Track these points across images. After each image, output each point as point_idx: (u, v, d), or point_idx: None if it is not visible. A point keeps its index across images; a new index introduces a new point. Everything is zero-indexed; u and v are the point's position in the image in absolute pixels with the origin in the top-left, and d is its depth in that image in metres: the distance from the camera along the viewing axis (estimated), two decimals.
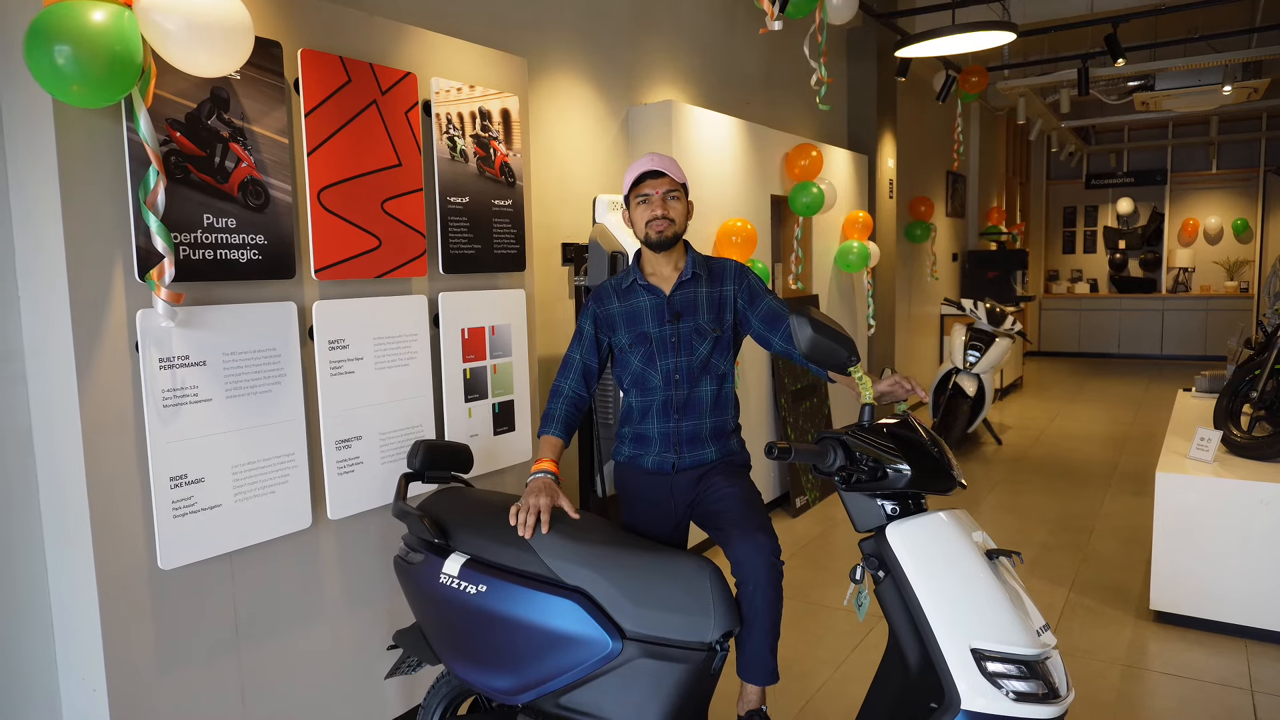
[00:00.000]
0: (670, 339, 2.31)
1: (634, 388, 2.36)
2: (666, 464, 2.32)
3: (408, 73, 2.62)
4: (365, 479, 2.55)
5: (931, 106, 8.53)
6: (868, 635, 3.52)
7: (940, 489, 1.81)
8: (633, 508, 2.40)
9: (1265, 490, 3.41)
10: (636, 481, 2.39)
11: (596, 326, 2.38)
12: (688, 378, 2.31)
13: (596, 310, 2.39)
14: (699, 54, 5.07)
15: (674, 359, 2.31)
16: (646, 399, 2.34)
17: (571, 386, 2.37)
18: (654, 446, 2.33)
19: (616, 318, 2.36)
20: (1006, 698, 1.59)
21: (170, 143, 2.05)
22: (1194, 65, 8.46)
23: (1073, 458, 6.70)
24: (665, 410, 2.32)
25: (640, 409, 2.35)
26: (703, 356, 2.32)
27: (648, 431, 2.34)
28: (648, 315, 2.34)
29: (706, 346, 2.32)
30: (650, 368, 2.33)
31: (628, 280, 2.38)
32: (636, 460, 2.37)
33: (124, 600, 2.02)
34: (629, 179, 2.30)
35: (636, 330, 2.34)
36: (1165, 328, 12.76)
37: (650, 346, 2.32)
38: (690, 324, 2.32)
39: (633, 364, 2.34)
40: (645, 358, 2.33)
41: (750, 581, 2.04)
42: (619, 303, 2.37)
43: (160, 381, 2.04)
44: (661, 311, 2.32)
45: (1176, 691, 3.10)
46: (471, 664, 2.08)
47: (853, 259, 6.14)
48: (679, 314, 2.32)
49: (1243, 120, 12.36)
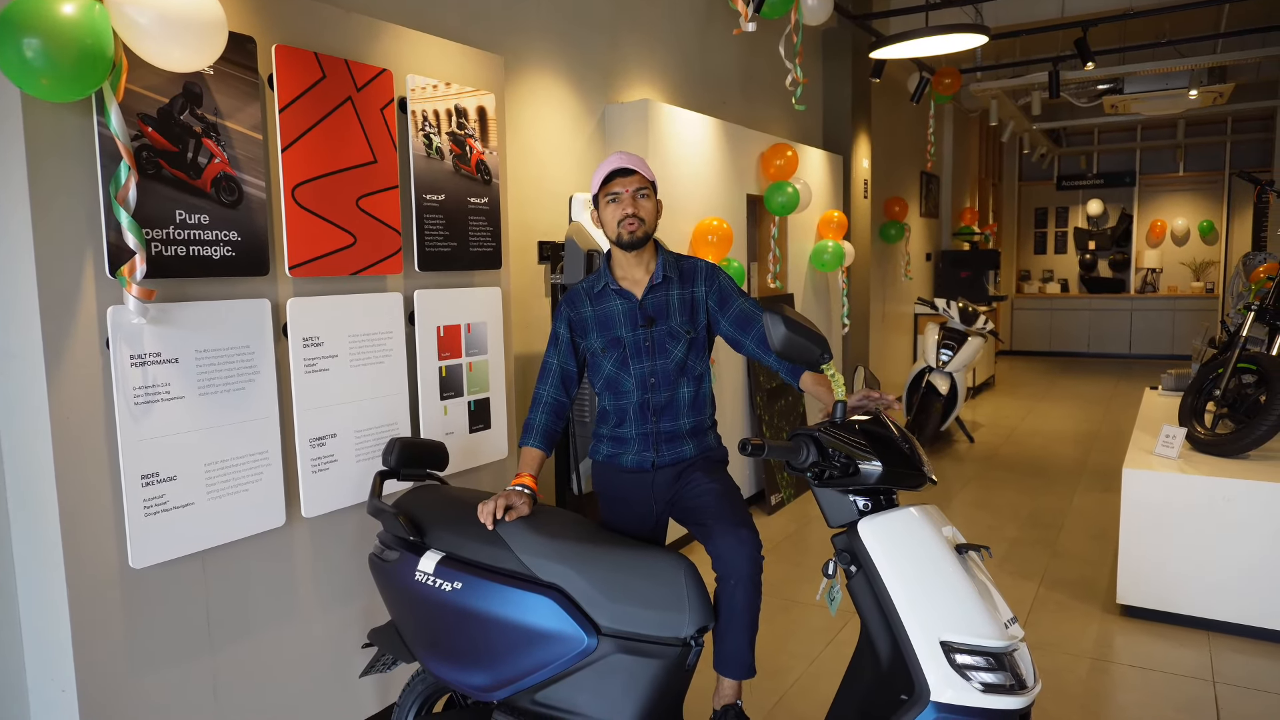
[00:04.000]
0: (644, 343, 2.30)
1: (606, 391, 2.35)
2: (646, 462, 2.32)
3: (383, 69, 2.61)
4: (340, 477, 2.54)
5: (905, 108, 8.61)
6: (841, 631, 3.56)
7: (911, 485, 1.84)
8: (611, 506, 2.40)
9: (1227, 486, 3.49)
10: (615, 480, 2.38)
11: (571, 330, 2.37)
12: (664, 381, 2.30)
13: (569, 314, 2.37)
14: (676, 53, 5.09)
15: (649, 362, 2.30)
16: (621, 402, 2.33)
17: (550, 393, 2.36)
18: (632, 446, 2.33)
19: (589, 321, 2.34)
20: (975, 689, 1.62)
21: (142, 138, 2.03)
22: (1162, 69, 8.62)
23: (1043, 455, 6.80)
24: (642, 413, 2.31)
25: (616, 412, 2.34)
26: (678, 359, 2.31)
27: (625, 434, 2.34)
28: (620, 319, 2.32)
29: (681, 349, 2.31)
30: (623, 371, 2.31)
31: (599, 284, 2.35)
32: (615, 459, 2.36)
33: (94, 599, 2.00)
34: (598, 178, 2.28)
35: (610, 335, 2.32)
36: (1133, 327, 12.97)
37: (624, 351, 2.31)
38: (663, 328, 2.30)
39: (605, 368, 2.33)
40: (618, 362, 2.32)
41: (732, 577, 2.06)
42: (591, 306, 2.35)
43: (131, 379, 2.02)
44: (634, 316, 2.31)
45: (1141, 683, 3.17)
46: (447, 661, 2.08)
47: (828, 258, 6.19)
48: (652, 318, 2.30)
49: (1209, 124, 12.60)
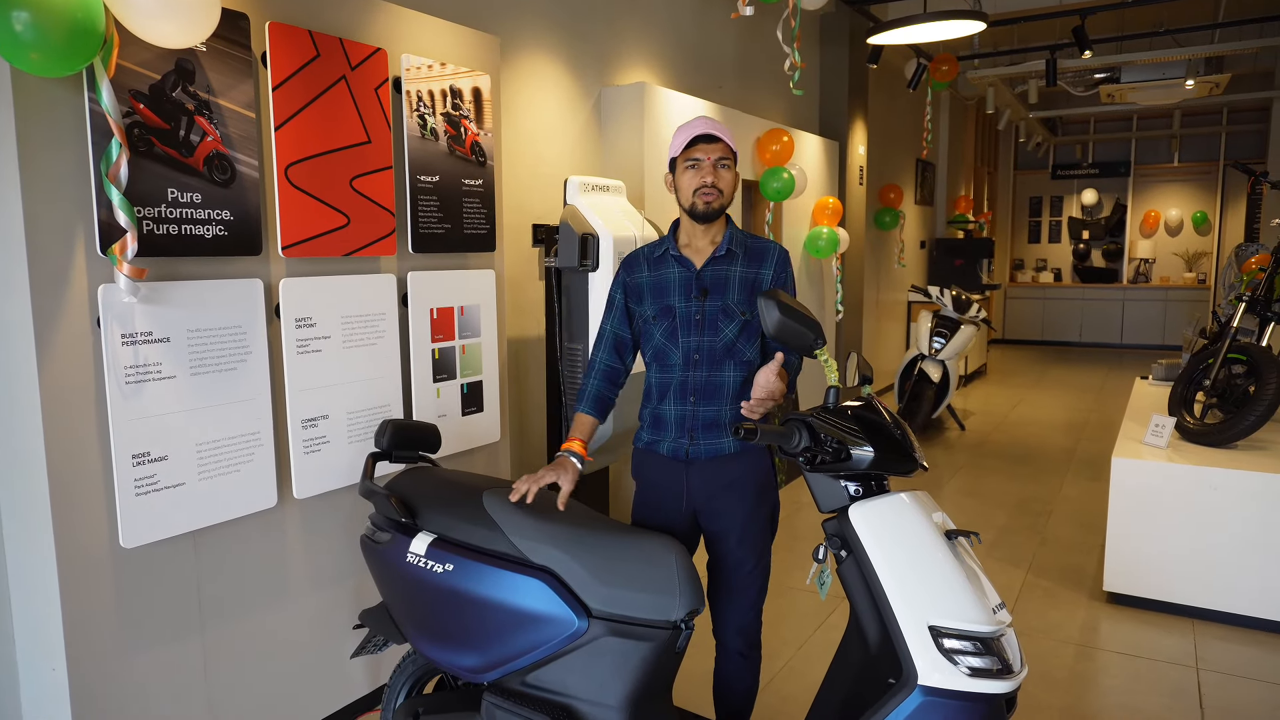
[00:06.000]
0: (695, 316, 2.17)
1: (654, 363, 2.24)
2: (680, 450, 2.19)
3: (378, 48, 2.59)
4: (332, 458, 2.54)
5: (902, 94, 8.59)
6: (830, 615, 3.58)
7: (902, 470, 1.85)
8: (645, 497, 2.28)
9: (1215, 475, 3.52)
10: (652, 467, 2.26)
11: (626, 295, 2.27)
12: (708, 359, 2.16)
13: (625, 278, 2.27)
14: (672, 36, 5.06)
15: (696, 337, 2.16)
16: (665, 377, 2.21)
17: (603, 359, 2.28)
18: (669, 432, 2.20)
19: (644, 287, 2.23)
20: (962, 673, 1.64)
21: (133, 115, 2.01)
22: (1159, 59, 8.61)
23: (1033, 443, 6.83)
24: (682, 392, 2.18)
25: (659, 388, 2.22)
26: (728, 339, 2.16)
27: (664, 413, 2.21)
28: (675, 288, 2.19)
29: (733, 329, 2.16)
30: (671, 343, 2.19)
31: (660, 249, 2.24)
32: (654, 446, 2.25)
33: (85, 579, 2.00)
34: (680, 141, 2.15)
35: (662, 303, 2.20)
36: (1125, 317, 13.02)
37: (674, 321, 2.19)
38: (718, 303, 2.16)
39: (655, 337, 2.21)
40: (667, 332, 2.20)
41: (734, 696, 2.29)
42: (648, 272, 2.24)
43: (122, 358, 2.01)
44: (689, 285, 2.18)
45: (1127, 669, 3.20)
46: (438, 643, 2.08)
47: (822, 244, 6.19)
48: (706, 290, 2.17)
49: (1204, 115, 12.60)
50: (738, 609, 2.23)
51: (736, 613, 2.24)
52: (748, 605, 2.23)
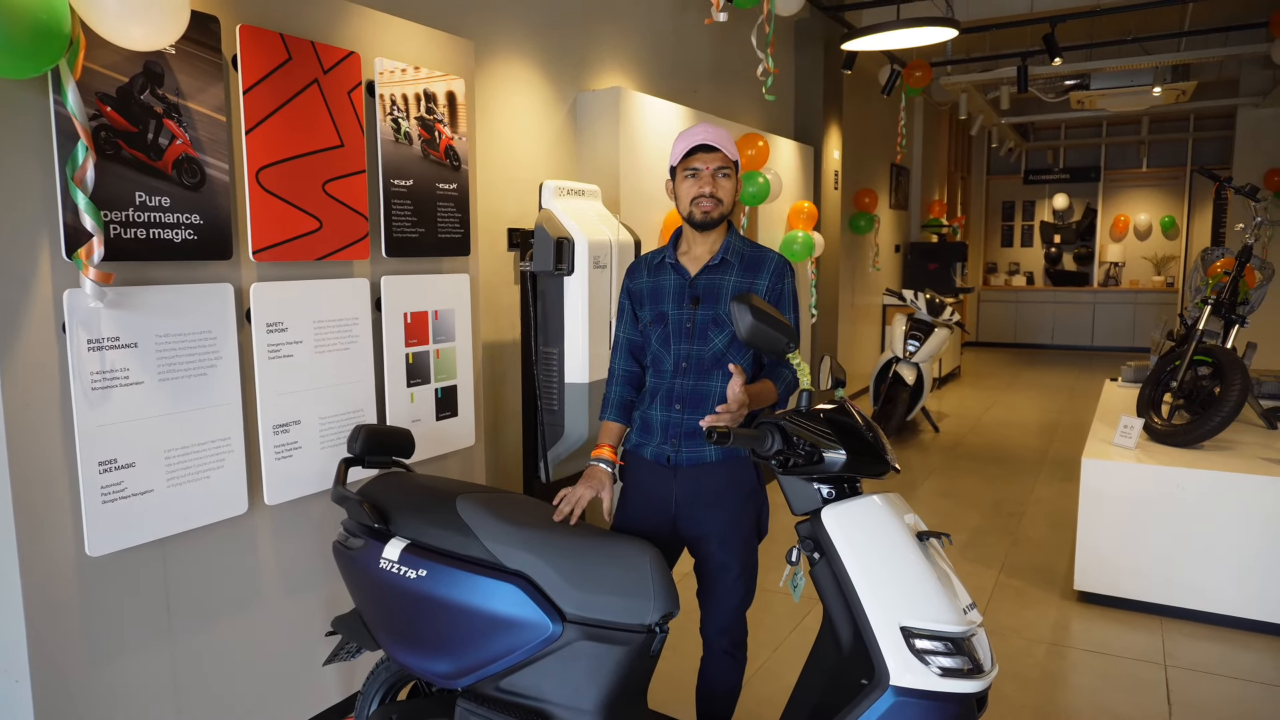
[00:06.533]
0: (685, 324, 2.20)
1: (651, 367, 2.28)
2: (663, 456, 2.21)
3: (351, 52, 2.58)
4: (304, 464, 2.52)
5: (876, 100, 8.66)
6: (805, 618, 3.60)
7: (874, 473, 1.86)
8: (630, 498, 2.30)
9: (1181, 475, 3.57)
10: (638, 471, 2.28)
11: (631, 301, 2.32)
12: (696, 368, 2.19)
13: (628, 284, 2.33)
14: (648, 41, 5.07)
15: (687, 345, 2.20)
16: (657, 382, 2.25)
17: (621, 365, 2.33)
18: (655, 436, 2.23)
19: (644, 293, 2.28)
20: (933, 673, 1.65)
21: (100, 118, 1.99)
22: (1127, 66, 8.75)
23: (1007, 445, 6.91)
24: (669, 398, 2.21)
25: (651, 392, 2.27)
26: (717, 349, 2.18)
27: (652, 418, 2.24)
28: (669, 295, 2.23)
29: (723, 339, 2.18)
30: (664, 350, 2.23)
31: (660, 256, 2.29)
32: (640, 449, 2.28)
33: (49, 588, 1.97)
34: (680, 149, 2.16)
35: (657, 309, 2.24)
36: (1096, 320, 13.20)
37: (666, 328, 2.22)
38: (709, 312, 2.19)
39: (652, 343, 2.26)
40: (661, 339, 2.23)
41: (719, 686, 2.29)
42: (647, 278, 2.28)
43: (88, 364, 1.98)
44: (683, 293, 2.21)
45: (1097, 667, 3.24)
46: (411, 649, 2.07)
47: (797, 249, 6.22)
48: (698, 299, 2.19)
49: (1172, 121, 12.81)
50: (722, 610, 2.25)
51: (721, 614, 2.26)
52: (731, 608, 2.25)
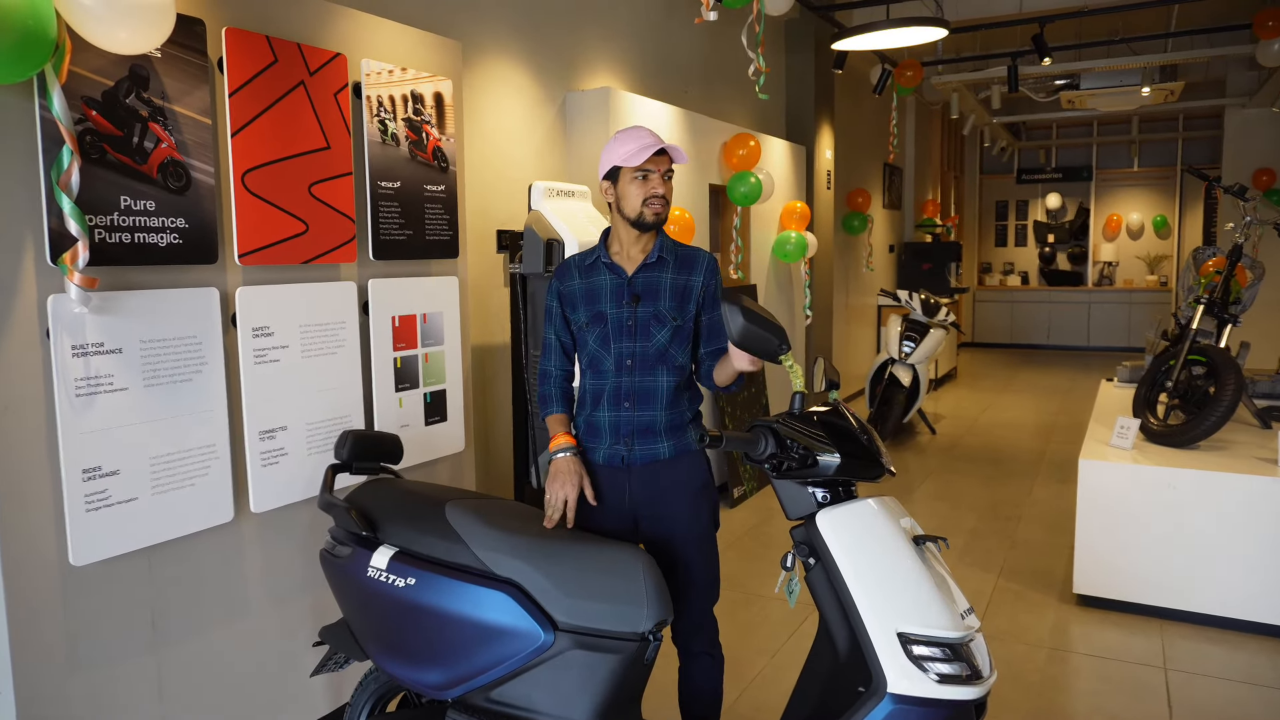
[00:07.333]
0: (627, 322, 2.21)
1: (588, 370, 2.27)
2: (616, 457, 2.21)
3: (337, 54, 2.55)
4: (290, 471, 2.48)
5: (868, 99, 8.66)
6: (802, 624, 3.57)
7: (869, 476, 1.84)
8: (587, 505, 2.24)
9: (1176, 475, 3.56)
10: (592, 475, 2.25)
11: (561, 302, 2.31)
12: (641, 365, 2.21)
13: (559, 286, 2.31)
14: (637, 41, 5.05)
15: (629, 343, 2.21)
16: (599, 383, 2.24)
17: (557, 365, 2.33)
18: (604, 439, 2.23)
19: (577, 295, 2.28)
20: (931, 680, 1.62)
21: (85, 121, 1.96)
22: (1115, 66, 8.77)
23: (1003, 446, 6.90)
24: (616, 397, 2.21)
25: (593, 394, 2.25)
26: (660, 345, 2.21)
27: (599, 421, 2.23)
28: (607, 295, 2.24)
29: (665, 335, 2.22)
30: (604, 349, 2.23)
31: (591, 257, 2.28)
32: (590, 454, 2.26)
33: (32, 597, 1.93)
34: (630, 151, 2.15)
35: (594, 309, 2.25)
36: (1091, 320, 13.22)
37: (606, 327, 2.23)
38: (650, 309, 2.21)
39: (589, 344, 2.26)
40: (600, 339, 2.24)
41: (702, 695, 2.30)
42: (580, 279, 2.28)
43: (73, 370, 1.95)
44: (621, 292, 2.22)
45: (1097, 671, 3.22)
46: (400, 659, 2.04)
47: (790, 249, 6.20)
48: (638, 296, 2.21)
49: (1161, 121, 12.85)
50: (694, 609, 2.25)
51: (693, 613, 2.25)
52: (702, 605, 2.25)
